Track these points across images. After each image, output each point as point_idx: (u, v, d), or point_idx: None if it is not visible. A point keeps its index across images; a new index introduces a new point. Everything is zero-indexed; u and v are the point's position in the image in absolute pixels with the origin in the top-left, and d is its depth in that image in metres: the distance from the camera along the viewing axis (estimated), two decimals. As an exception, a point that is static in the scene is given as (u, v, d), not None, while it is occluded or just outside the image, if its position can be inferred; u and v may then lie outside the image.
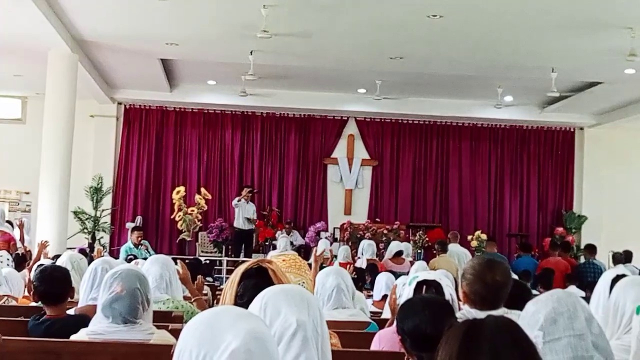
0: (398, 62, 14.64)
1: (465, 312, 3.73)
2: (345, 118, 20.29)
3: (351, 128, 20.46)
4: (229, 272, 10.67)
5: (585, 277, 12.39)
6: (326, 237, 17.08)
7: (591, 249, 14.50)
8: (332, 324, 4.65)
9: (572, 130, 20.80)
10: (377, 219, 19.43)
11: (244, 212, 17.88)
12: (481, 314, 1.97)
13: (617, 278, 4.58)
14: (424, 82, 16.98)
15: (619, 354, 2.99)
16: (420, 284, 4.47)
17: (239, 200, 17.91)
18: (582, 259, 15.09)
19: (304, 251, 15.76)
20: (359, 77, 16.80)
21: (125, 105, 19.72)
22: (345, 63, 15.30)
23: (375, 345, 4.39)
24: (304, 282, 3.71)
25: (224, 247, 18.59)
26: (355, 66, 15.54)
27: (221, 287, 9.90)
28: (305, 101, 19.20)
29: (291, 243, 16.49)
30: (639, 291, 4.03)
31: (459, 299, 4.35)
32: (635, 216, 19.73)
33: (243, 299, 3.04)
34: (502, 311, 3.71)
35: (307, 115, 20.11)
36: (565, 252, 14.90)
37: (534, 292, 9.56)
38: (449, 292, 4.44)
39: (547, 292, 2.58)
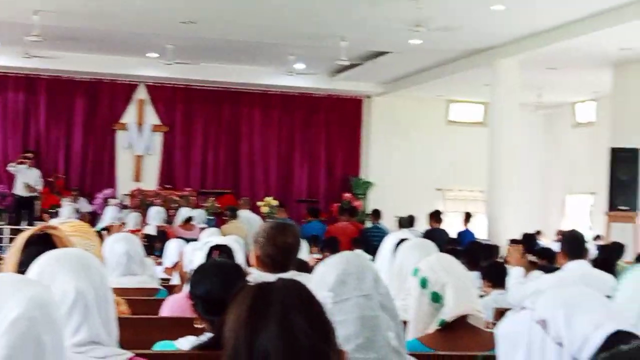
0: (190, 26, 14.43)
1: (256, 275, 3.75)
2: (135, 83, 19.85)
3: (141, 93, 20.06)
4: (12, 241, 10.21)
5: (371, 241, 12.76)
6: (115, 204, 16.69)
7: (376, 214, 15.00)
8: (121, 291, 4.55)
9: (360, 98, 21.37)
10: (168, 186, 19.21)
11: (23, 178, 17.17)
12: (271, 277, 1.95)
13: (401, 242, 4.76)
14: (217, 47, 16.85)
15: (403, 314, 3.06)
16: (211, 250, 4.44)
17: (14, 166, 17.20)
18: (369, 224, 15.58)
19: (91, 218, 15.34)
20: (149, 41, 16.40)
21: None
22: (135, 26, 14.90)
23: (164, 311, 4.35)
24: (93, 246, 3.59)
25: (6, 215, 17.77)
26: (145, 29, 15.17)
27: (3, 256, 9.44)
28: (93, 65, 18.55)
29: (77, 210, 16.04)
30: (422, 254, 4.18)
31: (250, 265, 4.36)
32: (418, 182, 20.59)
33: (26, 267, 2.87)
34: (291, 274, 3.74)
35: (95, 79, 19.49)
36: (352, 217, 15.32)
37: (322, 255, 9.77)
38: (240, 257, 4.44)
39: (336, 254, 2.60)
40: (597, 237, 15.78)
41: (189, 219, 13.75)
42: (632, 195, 14.56)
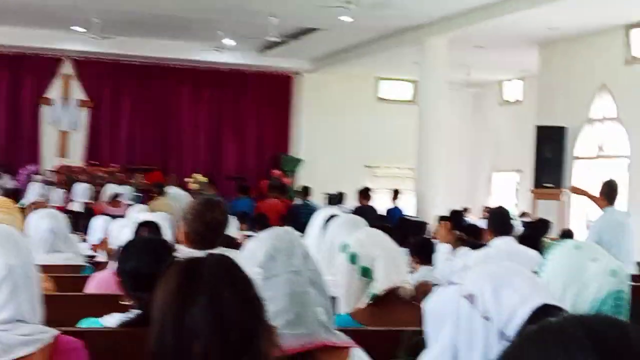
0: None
1: (185, 251, 3.72)
2: (61, 57, 19.47)
3: (67, 68, 19.69)
4: None
5: (300, 218, 12.77)
6: (39, 180, 16.38)
7: (306, 191, 15.02)
8: (46, 268, 4.47)
9: (290, 75, 21.33)
10: (94, 162, 18.93)
11: None
12: (200, 254, 1.93)
13: (330, 217, 4.77)
14: (145, 22, 16.59)
15: (333, 290, 3.06)
16: (139, 226, 4.39)
17: None
18: (298, 201, 15.60)
19: (15, 194, 15.01)
20: (75, 15, 16.06)
21: None
22: (59, -2, 14.62)
23: (90, 288, 4.29)
24: (15, 222, 3.53)
25: None
26: (71, 2, 14.87)
27: None
28: (16, 38, 18.12)
29: (0, 187, 15.70)
30: (351, 230, 4.20)
31: (178, 242, 4.33)
32: (348, 159, 20.68)
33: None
34: (220, 250, 3.72)
35: (19, 52, 19.05)
36: (282, 194, 15.32)
37: (249, 233, 9.74)
38: (168, 233, 4.40)
39: (266, 230, 2.59)
40: (523, 214, 16.06)
41: (115, 196, 13.58)
42: (558, 173, 14.85)
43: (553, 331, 1.01)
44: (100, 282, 4.20)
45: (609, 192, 7.94)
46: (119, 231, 5.06)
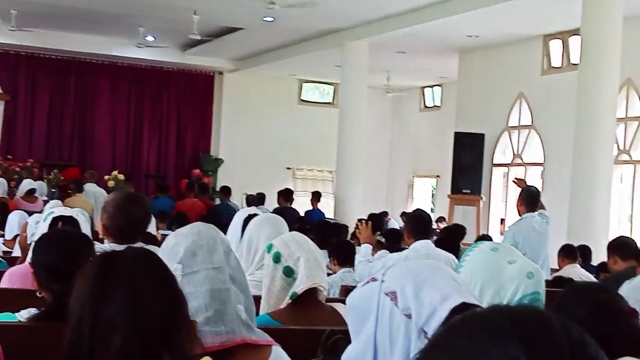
0: (36, -9, 13.91)
1: (105, 245, 3.66)
2: (-24, 48, 19.00)
3: (-18, 59, 19.21)
4: None
5: (220, 218, 12.71)
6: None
7: (226, 191, 14.94)
8: (-44, 263, 4.35)
9: (212, 74, 21.22)
10: (9, 156, 18.49)
11: None
12: (120, 247, 1.90)
13: (250, 217, 4.75)
14: (64, 15, 16.27)
15: (252, 290, 3.06)
16: (54, 221, 4.31)
17: None
18: (218, 201, 15.52)
19: None
20: (-8, 5, 15.69)
21: None
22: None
23: (4, 283, 4.19)
24: None
25: None
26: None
27: None
28: None
29: None
30: (272, 230, 4.21)
31: (95, 238, 4.27)
32: (269, 161, 20.66)
33: None
34: (139, 245, 3.68)
35: None
36: (203, 194, 15.23)
37: (168, 232, 9.65)
38: (86, 228, 4.32)
39: (188, 225, 2.57)
40: (440, 219, 16.28)
41: (31, 191, 13.29)
42: (475, 179, 15.08)
43: (478, 320, 1.02)
44: (15, 277, 4.10)
45: (527, 198, 8.08)
46: (34, 226, 4.94)
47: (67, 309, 1.82)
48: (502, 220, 13.97)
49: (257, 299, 3.07)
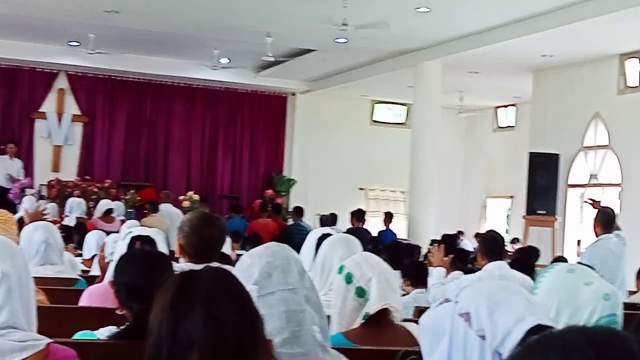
0: (113, 15, 14.20)
1: (183, 264, 3.71)
2: (56, 71, 19.46)
3: (62, 82, 19.67)
4: None
5: (292, 238, 12.77)
6: (32, 194, 16.34)
7: (299, 211, 15.01)
8: (39, 280, 4.45)
9: (285, 95, 21.36)
10: (87, 177, 18.89)
11: (5, 169, 16.99)
12: (197, 267, 1.93)
13: (323, 237, 4.75)
14: (140, 38, 16.61)
15: (326, 309, 3.07)
16: (133, 241, 4.38)
17: None
18: (291, 221, 15.58)
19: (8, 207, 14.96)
20: (71, 29, 16.08)
21: None
22: (57, 13, 14.60)
23: (84, 301, 4.27)
24: (12, 234, 3.53)
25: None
26: (67, 17, 14.88)
27: None
28: (12, 51, 18.09)
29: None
30: (346, 249, 4.19)
31: (171, 258, 4.32)
32: (341, 181, 20.68)
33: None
34: (216, 265, 3.72)
35: (14, 66, 19.02)
36: (276, 214, 15.32)
37: (243, 252, 9.73)
38: (163, 248, 4.39)
39: (262, 246, 2.59)
40: (515, 240, 16.07)
41: (109, 211, 13.54)
42: (550, 200, 14.86)
43: (555, 340, 1.03)
44: (94, 295, 4.19)
45: (603, 219, 7.95)
46: (113, 245, 5.04)
47: (146, 327, 1.85)
48: (579, 242, 13.74)
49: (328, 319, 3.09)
